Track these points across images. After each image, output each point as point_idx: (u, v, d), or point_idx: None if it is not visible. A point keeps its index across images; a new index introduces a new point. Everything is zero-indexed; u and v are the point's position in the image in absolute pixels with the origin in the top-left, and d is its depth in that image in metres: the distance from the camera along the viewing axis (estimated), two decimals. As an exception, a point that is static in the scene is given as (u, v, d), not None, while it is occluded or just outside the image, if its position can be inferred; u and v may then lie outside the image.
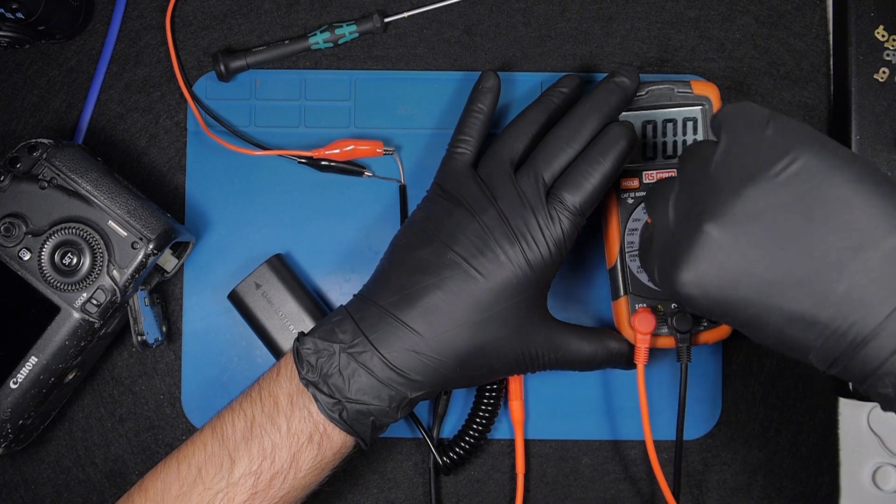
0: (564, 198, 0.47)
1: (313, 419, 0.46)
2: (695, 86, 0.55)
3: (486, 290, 0.46)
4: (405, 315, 0.46)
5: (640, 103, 0.54)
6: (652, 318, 0.52)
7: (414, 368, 0.46)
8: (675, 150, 0.54)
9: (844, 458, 0.59)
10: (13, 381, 0.52)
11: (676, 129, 0.55)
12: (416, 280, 0.46)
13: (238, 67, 0.59)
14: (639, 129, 0.55)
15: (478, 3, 0.61)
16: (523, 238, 0.46)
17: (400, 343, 0.46)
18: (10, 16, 0.54)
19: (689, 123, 0.54)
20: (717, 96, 0.55)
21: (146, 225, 0.53)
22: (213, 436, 0.47)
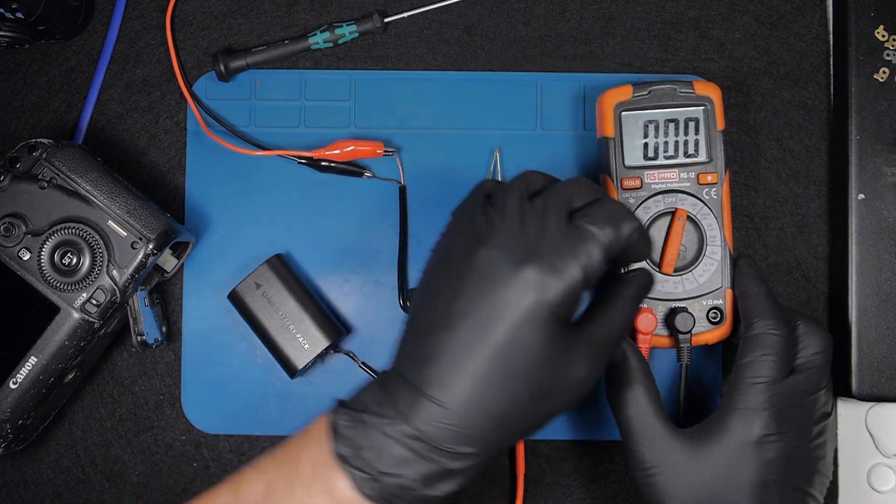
0: (585, 223, 0.42)
1: (332, 494, 0.41)
2: (697, 86, 0.54)
3: (505, 332, 0.40)
4: (424, 385, 0.40)
5: (643, 103, 0.54)
6: (653, 319, 0.53)
7: (449, 440, 0.40)
8: (676, 150, 0.54)
9: (843, 458, 0.59)
10: (13, 381, 0.52)
11: (678, 129, 0.54)
12: (429, 342, 0.41)
13: (238, 67, 0.59)
14: (640, 129, 0.54)
15: (478, 3, 0.61)
16: (538, 257, 0.40)
17: (428, 416, 0.40)
18: (10, 16, 0.54)
19: (691, 123, 0.54)
20: (719, 96, 0.55)
21: (146, 225, 0.53)
22: (230, 495, 0.44)
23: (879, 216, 0.57)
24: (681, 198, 0.54)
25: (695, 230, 0.54)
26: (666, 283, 0.54)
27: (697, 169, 0.54)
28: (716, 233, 0.54)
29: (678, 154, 0.54)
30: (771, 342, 0.49)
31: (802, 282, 0.60)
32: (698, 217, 0.54)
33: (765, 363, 0.48)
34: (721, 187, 0.54)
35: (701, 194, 0.54)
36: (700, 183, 0.54)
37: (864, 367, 0.56)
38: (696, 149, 0.54)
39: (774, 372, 0.48)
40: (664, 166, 0.54)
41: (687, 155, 0.54)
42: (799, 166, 0.60)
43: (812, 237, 0.60)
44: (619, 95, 0.54)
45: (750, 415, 0.48)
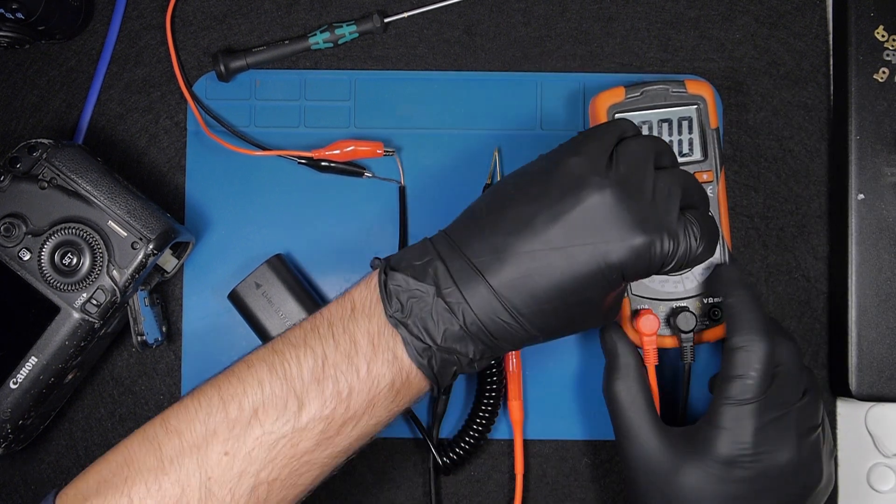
0: (692, 227, 0.44)
1: (398, 363, 0.42)
2: (689, 85, 0.54)
3: (582, 272, 0.42)
4: (496, 280, 0.42)
5: (636, 104, 0.54)
6: (655, 320, 0.53)
7: (500, 333, 0.43)
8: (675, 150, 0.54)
9: (842, 458, 0.59)
10: (13, 381, 0.52)
11: (672, 128, 0.55)
12: (513, 244, 0.42)
13: (238, 67, 0.59)
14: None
15: (478, 3, 0.61)
16: (649, 231, 0.42)
17: (489, 306, 0.42)
18: (10, 16, 0.54)
19: (684, 123, 0.54)
20: (711, 95, 0.55)
21: (146, 225, 0.53)
22: (272, 374, 0.42)
23: (879, 216, 0.57)
24: None
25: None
26: (666, 283, 0.54)
27: (693, 168, 0.54)
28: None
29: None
30: (745, 360, 0.47)
31: (802, 282, 0.60)
32: None
33: (736, 384, 0.47)
34: (717, 185, 0.54)
35: None
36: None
37: (864, 367, 0.56)
38: (691, 148, 0.55)
39: (748, 392, 0.47)
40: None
41: (682, 154, 0.54)
42: (799, 166, 0.60)
43: (812, 237, 0.60)
44: (612, 97, 0.54)
45: (722, 434, 0.47)
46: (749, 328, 0.48)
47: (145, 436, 0.43)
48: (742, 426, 0.47)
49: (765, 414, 0.47)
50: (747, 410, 0.47)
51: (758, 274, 0.60)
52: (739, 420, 0.47)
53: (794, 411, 0.48)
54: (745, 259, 0.60)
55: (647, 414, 0.50)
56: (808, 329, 0.60)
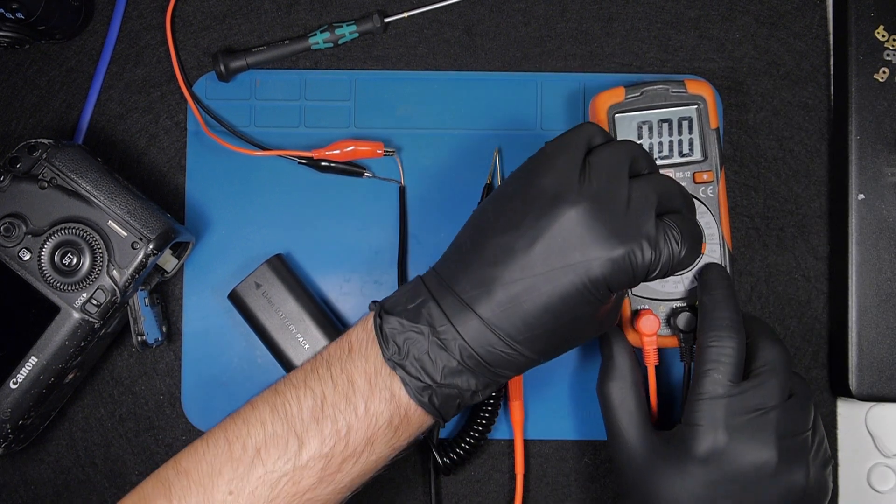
0: (671, 231, 0.44)
1: (396, 401, 0.43)
2: (689, 85, 0.55)
3: (565, 291, 0.42)
4: (486, 312, 0.42)
5: (636, 104, 0.54)
6: (655, 320, 0.53)
7: (498, 362, 0.43)
8: (670, 150, 0.54)
9: (842, 458, 0.59)
10: (13, 382, 0.52)
11: (672, 128, 0.55)
12: (497, 275, 0.43)
13: (238, 67, 0.59)
14: (634, 130, 0.55)
15: (478, 3, 0.61)
16: (624, 242, 0.42)
17: (483, 338, 0.43)
18: (10, 16, 0.54)
19: (684, 123, 0.55)
20: (711, 95, 0.55)
21: (146, 225, 0.53)
22: (274, 414, 0.43)
23: (879, 216, 0.57)
24: None
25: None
26: (666, 283, 0.54)
27: (693, 168, 0.54)
28: (714, 231, 0.54)
29: (673, 154, 0.55)
30: (714, 356, 0.47)
31: (802, 282, 0.60)
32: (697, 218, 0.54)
33: (706, 380, 0.47)
34: (717, 185, 0.54)
35: (698, 193, 0.54)
36: (696, 182, 0.54)
37: (864, 367, 0.56)
38: (691, 148, 0.55)
39: (718, 387, 0.47)
40: (660, 166, 0.54)
41: (682, 154, 0.55)
42: (799, 166, 0.60)
43: (812, 237, 0.60)
44: (612, 97, 0.54)
45: (696, 432, 0.47)
46: (719, 325, 0.48)
47: (158, 477, 0.44)
48: (715, 422, 0.46)
49: (740, 411, 0.46)
50: (720, 405, 0.46)
51: (758, 274, 0.60)
52: (713, 416, 0.46)
53: (774, 412, 0.47)
54: (745, 259, 0.60)
55: (635, 416, 0.51)
56: (808, 329, 0.59)
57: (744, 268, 0.60)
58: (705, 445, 0.47)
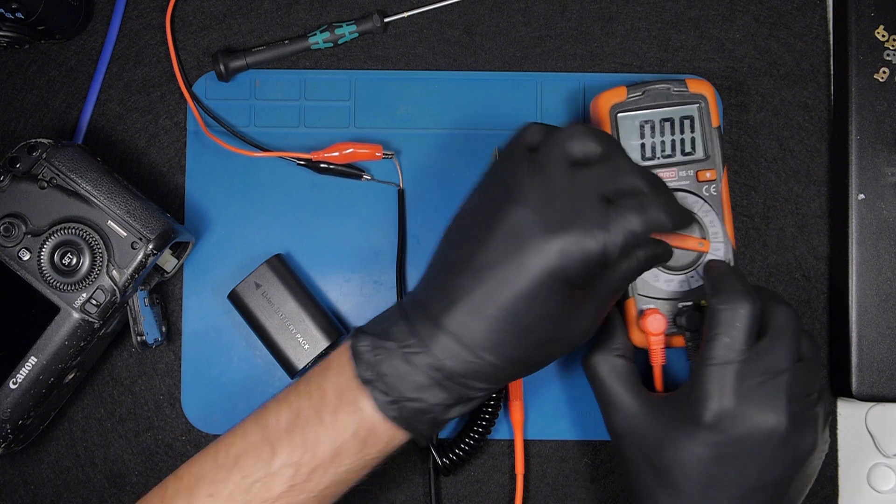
0: (624, 211, 0.43)
1: (361, 415, 0.44)
2: (690, 84, 0.54)
3: (523, 290, 0.42)
4: (449, 323, 0.43)
5: (638, 103, 0.54)
6: (662, 319, 0.52)
7: (467, 373, 0.44)
8: (673, 149, 0.54)
9: (842, 458, 0.59)
10: (13, 382, 0.52)
11: (674, 127, 0.55)
12: (456, 283, 0.44)
13: (238, 67, 0.59)
14: (637, 129, 0.54)
15: (478, 3, 0.61)
16: (568, 230, 0.42)
17: (451, 350, 0.43)
18: (9, 16, 0.54)
19: (686, 122, 0.55)
20: (712, 94, 0.55)
21: (146, 225, 0.53)
22: (255, 425, 0.46)
23: (879, 216, 0.57)
24: (681, 196, 0.54)
25: (697, 227, 0.54)
26: (671, 282, 0.54)
27: (695, 167, 0.54)
28: (717, 229, 0.54)
29: (675, 153, 0.55)
30: (725, 319, 0.47)
31: (802, 282, 0.60)
32: (700, 214, 0.54)
33: (717, 344, 0.46)
34: (720, 183, 0.54)
35: (700, 191, 0.54)
36: (699, 180, 0.54)
37: (864, 367, 0.56)
38: (693, 146, 0.55)
39: (730, 352, 0.46)
40: (662, 165, 0.54)
41: (684, 153, 0.55)
42: (799, 166, 0.60)
43: (812, 237, 0.60)
44: (615, 97, 0.54)
45: (705, 397, 0.46)
46: (730, 289, 0.47)
47: (163, 481, 0.48)
48: (725, 388, 0.46)
49: (750, 376, 0.46)
50: (730, 371, 0.46)
51: (758, 274, 0.60)
52: (722, 382, 0.46)
53: (784, 375, 0.46)
54: (745, 259, 0.60)
55: (627, 382, 0.50)
56: (808, 329, 0.59)
57: (744, 268, 0.60)
58: (714, 410, 0.46)
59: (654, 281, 0.54)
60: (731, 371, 0.46)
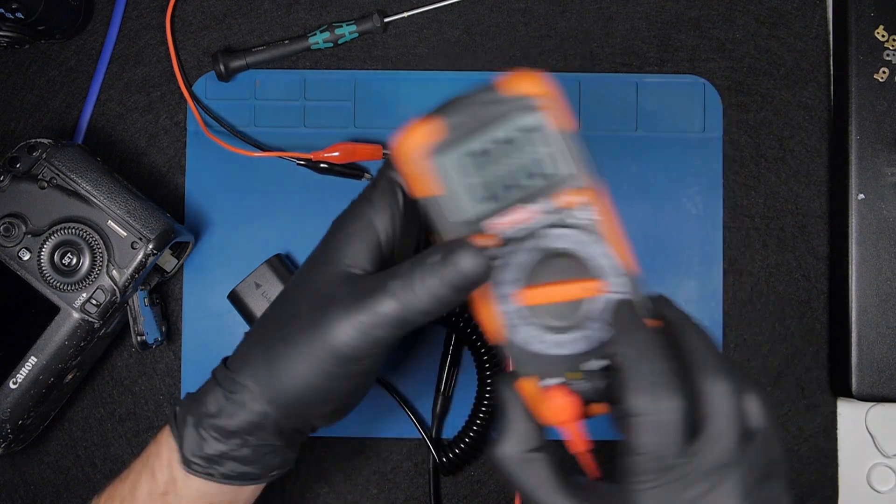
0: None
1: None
2: (517, 83, 0.39)
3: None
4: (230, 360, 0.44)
5: (458, 133, 0.39)
6: (568, 401, 0.39)
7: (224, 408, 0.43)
8: (524, 176, 0.39)
9: (842, 458, 0.59)
10: (13, 381, 0.52)
11: (520, 148, 0.39)
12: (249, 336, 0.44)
13: (238, 67, 0.59)
14: (470, 169, 0.39)
15: (478, 3, 0.61)
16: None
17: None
18: (9, 16, 0.54)
19: (532, 135, 0.39)
20: (551, 90, 0.39)
21: (146, 225, 0.53)
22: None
23: (879, 216, 0.57)
24: (548, 234, 0.39)
25: (578, 266, 0.39)
26: (566, 344, 0.39)
27: (557, 190, 0.39)
28: (608, 260, 0.39)
29: (527, 182, 0.39)
30: (642, 428, 0.35)
31: (802, 282, 0.60)
32: (578, 251, 0.39)
33: (638, 460, 0.36)
34: (597, 204, 0.39)
35: (573, 220, 0.39)
36: (567, 207, 0.39)
37: (864, 367, 0.56)
38: (554, 163, 0.39)
39: (651, 467, 0.36)
40: (510, 206, 0.39)
41: (545, 176, 0.39)
42: (799, 166, 0.60)
43: (812, 237, 0.60)
44: (424, 135, 0.39)
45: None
46: (647, 379, 0.36)
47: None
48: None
49: (692, 486, 0.35)
50: (664, 493, 0.35)
51: (758, 274, 0.60)
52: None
53: (732, 471, 0.36)
54: (745, 259, 0.60)
55: (547, 481, 0.39)
56: (808, 329, 0.59)
57: (744, 268, 0.60)
58: None
59: (543, 348, 0.39)
60: (665, 493, 0.35)
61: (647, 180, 0.60)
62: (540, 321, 0.39)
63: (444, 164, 0.39)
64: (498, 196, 0.39)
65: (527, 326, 0.39)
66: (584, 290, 0.39)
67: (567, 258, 0.39)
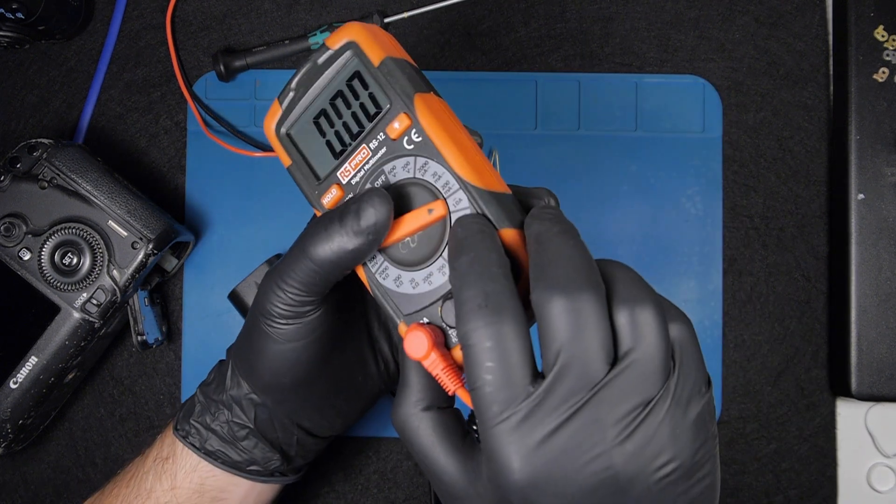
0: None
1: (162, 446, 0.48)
2: (332, 39, 0.39)
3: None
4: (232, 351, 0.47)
5: (295, 103, 0.40)
6: (423, 336, 0.35)
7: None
8: (359, 122, 0.39)
9: (842, 458, 0.59)
10: (13, 381, 0.52)
11: (348, 98, 0.39)
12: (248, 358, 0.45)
13: (238, 67, 0.59)
14: (314, 131, 0.40)
15: (478, 3, 0.61)
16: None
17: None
18: (10, 16, 0.54)
19: (354, 84, 0.39)
20: (363, 33, 0.39)
21: (146, 225, 0.53)
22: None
23: (879, 216, 0.57)
24: (388, 170, 0.38)
25: (425, 192, 0.37)
26: (421, 282, 0.37)
27: (385, 123, 0.38)
28: (447, 178, 0.37)
29: (363, 124, 0.39)
30: (474, 358, 0.31)
31: (802, 282, 0.60)
32: (419, 176, 0.37)
33: (478, 395, 0.31)
34: (420, 122, 0.37)
35: (404, 148, 0.38)
36: (395, 138, 0.38)
37: (864, 367, 0.56)
38: (376, 103, 0.39)
39: (493, 406, 0.31)
40: (355, 150, 0.39)
41: (372, 118, 0.39)
42: (799, 166, 0.60)
43: (812, 237, 0.60)
44: (271, 117, 0.41)
45: (494, 469, 0.32)
46: (468, 311, 0.32)
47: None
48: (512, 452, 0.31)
49: (543, 420, 0.31)
50: (515, 435, 0.31)
51: (758, 274, 0.60)
52: (506, 444, 0.31)
53: (601, 392, 0.31)
54: (745, 259, 0.60)
55: (443, 440, 0.36)
56: (808, 329, 0.60)
57: (743, 268, 0.60)
58: (515, 484, 0.31)
59: (400, 288, 0.38)
60: (513, 436, 0.31)
61: (646, 180, 0.60)
62: (398, 259, 0.38)
63: (288, 137, 0.41)
64: (345, 145, 0.39)
65: (391, 269, 0.38)
66: (427, 215, 0.37)
67: (414, 188, 0.37)
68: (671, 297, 0.35)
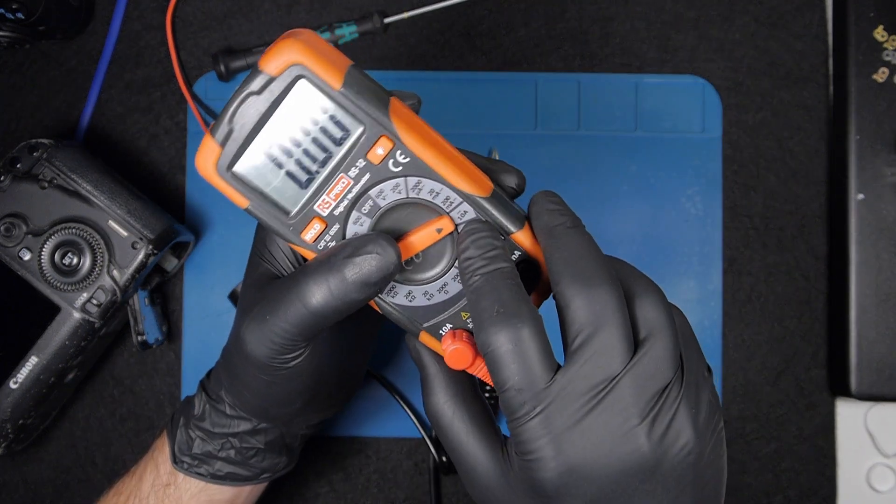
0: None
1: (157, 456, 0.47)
2: (271, 61, 0.34)
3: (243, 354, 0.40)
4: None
5: (243, 134, 0.35)
6: (464, 350, 0.37)
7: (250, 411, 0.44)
8: (324, 150, 0.35)
9: (842, 458, 0.59)
10: (13, 381, 0.52)
11: (305, 125, 0.35)
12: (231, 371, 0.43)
13: (238, 67, 0.59)
14: (271, 168, 0.35)
15: (478, 3, 0.61)
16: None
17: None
18: (10, 16, 0.54)
19: (314, 111, 0.35)
20: (303, 48, 0.34)
21: (146, 225, 0.53)
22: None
23: (879, 216, 0.57)
24: (375, 194, 0.36)
25: (422, 210, 0.37)
26: (435, 294, 0.38)
27: (363, 148, 0.35)
28: (447, 193, 0.36)
29: (331, 151, 0.35)
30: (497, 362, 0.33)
31: (802, 282, 0.60)
32: (414, 195, 0.36)
33: (506, 394, 0.33)
34: (405, 145, 0.36)
35: (389, 172, 0.36)
36: (378, 163, 0.36)
37: (864, 367, 0.56)
38: (344, 126, 0.35)
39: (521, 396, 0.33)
40: (329, 180, 0.36)
41: (340, 143, 0.35)
42: (799, 166, 0.60)
43: (812, 237, 0.60)
44: (209, 155, 0.35)
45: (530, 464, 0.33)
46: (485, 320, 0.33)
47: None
48: (544, 439, 0.33)
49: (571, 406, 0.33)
50: (540, 419, 0.33)
51: (758, 274, 0.60)
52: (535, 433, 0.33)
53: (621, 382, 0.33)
54: (744, 259, 0.60)
55: (479, 432, 0.37)
56: (808, 329, 0.60)
57: (744, 268, 0.60)
58: (550, 475, 0.33)
59: (413, 302, 0.38)
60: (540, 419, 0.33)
61: (646, 180, 0.60)
62: (405, 278, 0.38)
63: (236, 176, 0.36)
64: (312, 176, 0.36)
65: (399, 287, 0.38)
66: (439, 234, 0.37)
67: (409, 207, 0.37)
68: (671, 296, 0.36)
